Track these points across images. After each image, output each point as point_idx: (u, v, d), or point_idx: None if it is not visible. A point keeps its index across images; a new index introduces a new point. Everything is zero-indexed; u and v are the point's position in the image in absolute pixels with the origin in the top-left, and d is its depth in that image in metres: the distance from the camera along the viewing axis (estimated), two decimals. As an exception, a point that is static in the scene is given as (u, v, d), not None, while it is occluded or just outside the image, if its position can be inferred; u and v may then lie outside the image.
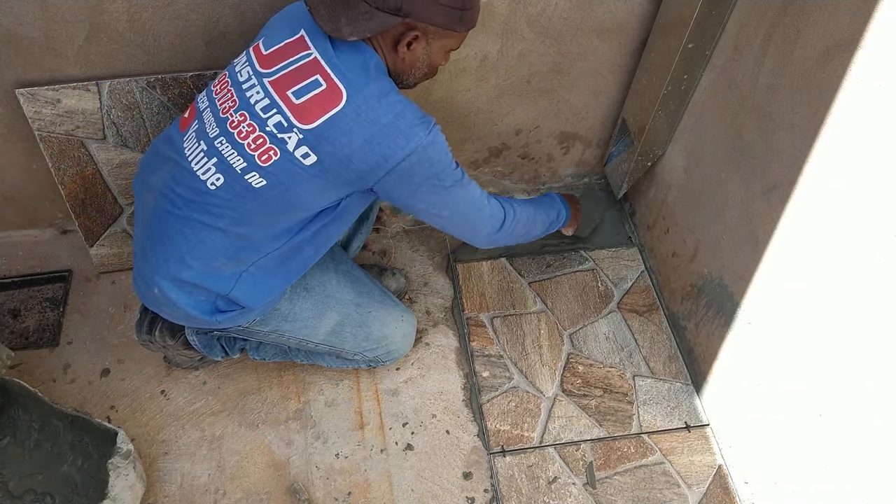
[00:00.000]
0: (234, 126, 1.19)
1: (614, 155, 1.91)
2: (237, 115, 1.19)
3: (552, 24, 1.57)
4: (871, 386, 1.15)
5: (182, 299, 1.29)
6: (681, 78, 1.54)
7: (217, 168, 1.20)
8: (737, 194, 1.45)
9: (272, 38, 1.21)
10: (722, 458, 1.59)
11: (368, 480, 1.53)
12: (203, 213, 1.23)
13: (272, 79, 1.16)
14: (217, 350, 1.56)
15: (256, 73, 1.19)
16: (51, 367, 1.67)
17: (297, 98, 1.14)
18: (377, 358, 1.59)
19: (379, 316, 1.54)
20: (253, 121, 1.17)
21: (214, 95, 1.24)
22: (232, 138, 1.19)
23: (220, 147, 1.20)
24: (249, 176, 1.18)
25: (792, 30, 1.23)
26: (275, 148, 1.16)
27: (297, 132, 1.14)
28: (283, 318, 1.43)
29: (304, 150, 1.14)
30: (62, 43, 1.41)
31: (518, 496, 1.52)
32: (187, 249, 1.25)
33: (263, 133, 1.16)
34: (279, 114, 1.15)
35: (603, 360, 1.73)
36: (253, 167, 1.18)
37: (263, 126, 1.16)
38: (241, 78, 1.20)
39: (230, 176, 1.20)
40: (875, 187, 1.09)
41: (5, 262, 1.83)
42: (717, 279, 1.55)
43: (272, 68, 1.17)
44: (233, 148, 1.19)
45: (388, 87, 1.17)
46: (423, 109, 1.74)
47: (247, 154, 1.18)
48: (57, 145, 1.54)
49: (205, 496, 1.50)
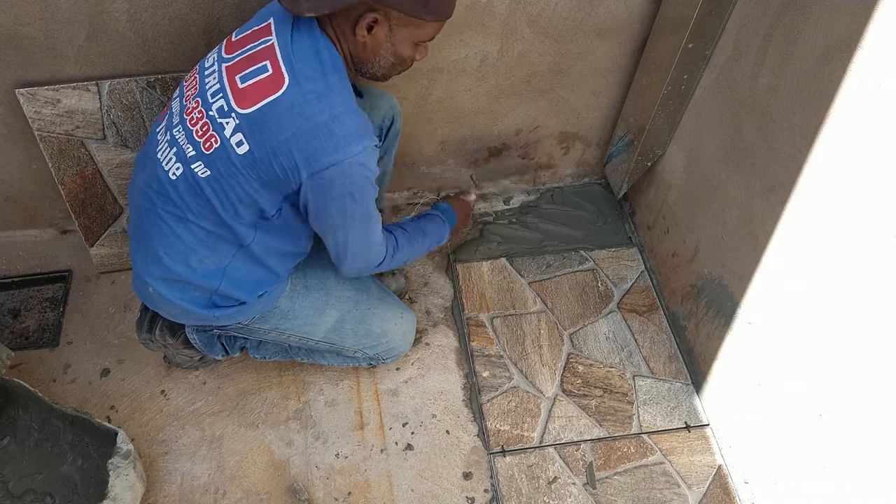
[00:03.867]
0: (188, 112, 1.18)
1: (614, 155, 1.91)
2: (193, 102, 1.17)
3: (552, 24, 1.57)
4: (871, 386, 1.15)
5: (176, 295, 1.29)
6: (681, 78, 1.54)
7: (176, 157, 1.19)
8: (737, 194, 1.45)
9: (246, 26, 1.20)
10: (722, 458, 1.59)
11: (368, 480, 1.53)
12: (172, 207, 1.22)
13: (228, 64, 1.15)
14: (217, 348, 1.57)
15: (220, 58, 1.17)
16: (51, 367, 1.67)
17: (242, 82, 1.11)
18: (378, 356, 1.58)
19: (378, 313, 1.54)
20: (203, 107, 1.15)
21: (184, 83, 1.23)
22: (185, 125, 1.18)
23: (177, 135, 1.19)
24: (196, 165, 1.16)
25: (792, 30, 1.23)
26: (215, 135, 1.13)
27: (234, 117, 1.11)
28: (283, 315, 1.42)
29: (239, 138, 1.11)
30: (62, 43, 1.41)
31: (518, 496, 1.52)
32: (165, 247, 1.25)
33: (208, 119, 1.14)
34: (223, 98, 1.12)
35: (603, 360, 1.73)
36: (199, 155, 1.16)
37: (209, 110, 1.14)
38: (207, 64, 1.19)
39: (185, 165, 1.18)
40: (875, 187, 1.09)
41: (5, 262, 1.83)
42: (717, 279, 1.55)
43: (233, 54, 1.16)
44: (185, 135, 1.17)
45: (339, 88, 1.12)
46: (423, 109, 1.73)
47: (195, 140, 1.16)
48: (57, 145, 1.54)
49: (205, 496, 1.50)
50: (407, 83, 1.64)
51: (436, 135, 1.82)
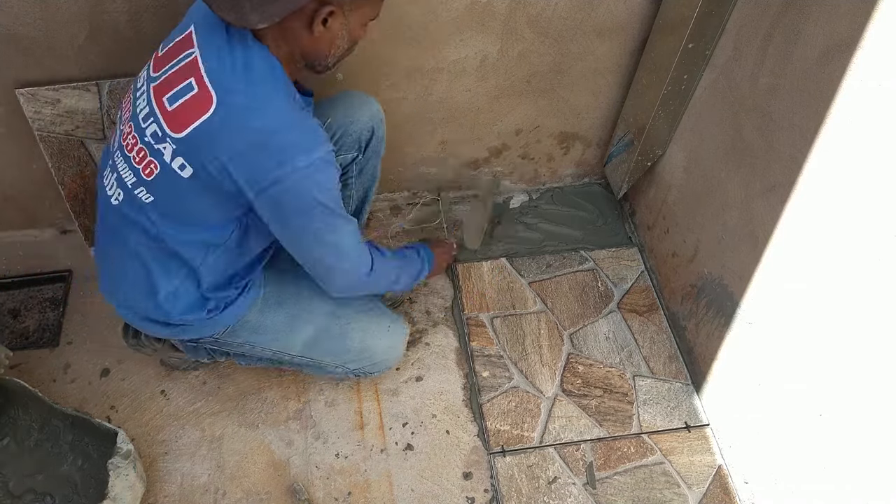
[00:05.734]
0: (124, 138, 1.14)
1: (614, 155, 1.91)
2: (126, 126, 1.13)
3: (552, 24, 1.57)
4: (871, 386, 1.15)
5: (132, 316, 1.31)
6: (681, 78, 1.54)
7: (117, 183, 1.16)
8: (737, 194, 1.45)
9: (171, 36, 1.13)
10: (722, 458, 1.59)
11: (368, 480, 1.53)
12: (119, 230, 1.20)
13: (155, 84, 1.09)
14: (202, 353, 1.56)
15: (148, 78, 1.11)
16: (51, 367, 1.67)
17: (170, 104, 1.05)
18: (361, 370, 1.54)
19: (360, 326, 1.48)
20: (136, 132, 1.10)
21: (122, 106, 1.19)
22: (123, 151, 1.14)
23: (116, 161, 1.16)
24: (139, 191, 1.13)
25: (792, 30, 1.23)
26: (154, 161, 1.08)
27: (170, 142, 1.05)
28: (253, 330, 1.38)
29: (181, 162, 1.06)
30: (62, 43, 1.41)
31: (518, 496, 1.52)
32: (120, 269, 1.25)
33: (143, 145, 1.09)
34: (155, 122, 1.07)
35: (603, 360, 1.73)
36: (140, 182, 1.12)
37: (143, 136, 1.09)
38: (137, 84, 1.14)
39: (125, 191, 1.15)
40: (875, 187, 1.09)
41: (5, 262, 1.83)
42: (717, 279, 1.55)
43: (159, 72, 1.09)
44: (124, 161, 1.14)
45: (274, 97, 1.05)
46: (423, 110, 1.72)
47: (133, 167, 1.12)
48: (57, 145, 1.54)
49: (205, 496, 1.50)
50: (407, 83, 1.64)
51: (436, 135, 1.82)
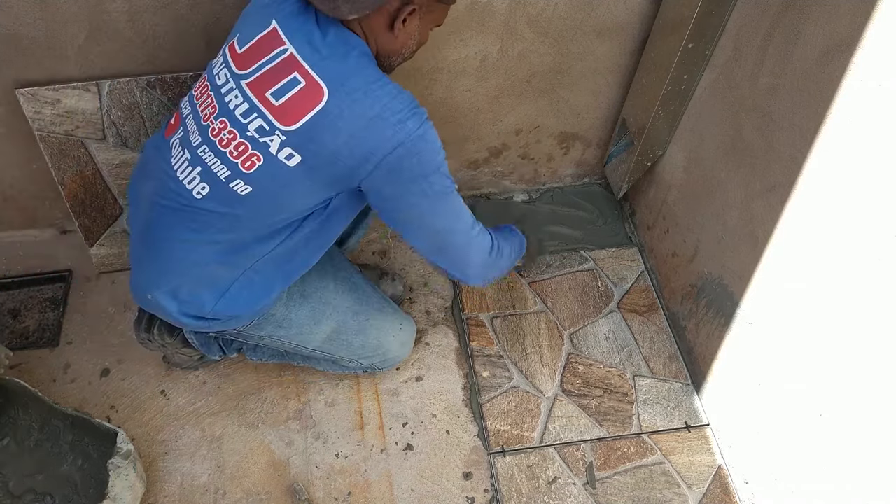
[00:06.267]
0: (215, 134, 1.16)
1: (614, 155, 1.91)
2: (217, 123, 1.16)
3: (552, 24, 1.57)
4: (871, 386, 1.15)
5: (174, 307, 1.29)
6: (681, 78, 1.54)
7: (202, 177, 1.18)
8: (737, 194, 1.45)
9: (246, 33, 1.16)
10: (722, 458, 1.59)
11: (368, 480, 1.53)
12: (191, 222, 1.21)
13: (249, 80, 1.12)
14: (215, 349, 1.57)
15: (234, 75, 1.14)
16: (51, 367, 1.67)
17: (276, 99, 1.09)
18: (373, 365, 1.59)
19: (376, 324, 1.53)
20: (234, 127, 1.13)
21: (196, 101, 1.21)
22: (214, 147, 1.16)
23: (203, 156, 1.18)
24: (234, 184, 1.16)
25: (792, 30, 1.23)
26: (257, 153, 1.12)
27: (279, 134, 1.10)
28: (278, 323, 1.41)
29: (288, 152, 1.11)
30: (62, 43, 1.41)
31: (518, 496, 1.52)
32: (178, 261, 1.24)
33: (245, 139, 1.13)
34: (260, 117, 1.11)
35: (603, 360, 1.73)
36: (237, 175, 1.15)
37: (244, 132, 1.12)
38: (219, 81, 1.17)
39: (215, 185, 1.17)
40: (875, 187, 1.09)
41: (5, 262, 1.83)
42: (717, 279, 1.55)
43: (249, 69, 1.13)
44: (216, 156, 1.16)
45: (374, 76, 1.10)
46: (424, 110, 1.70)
47: (230, 162, 1.15)
48: (57, 145, 1.54)
49: (205, 496, 1.50)
50: (407, 83, 1.64)
51: (436, 135, 1.82)
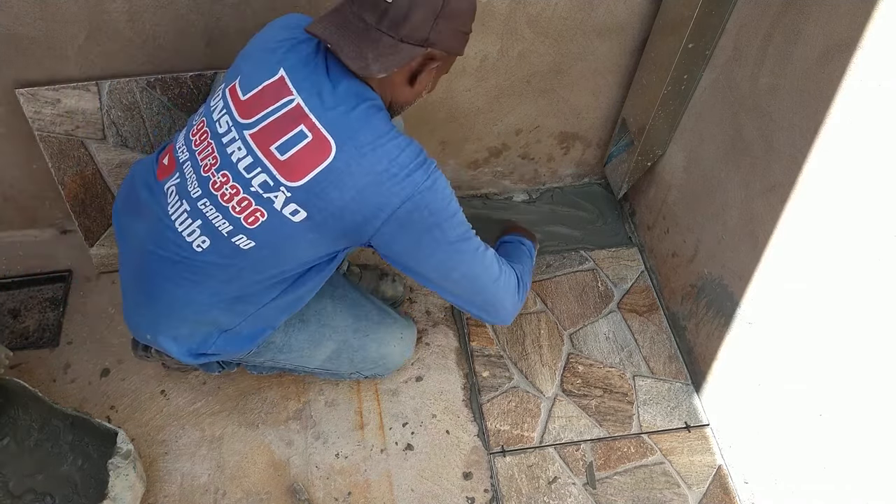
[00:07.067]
0: (216, 188, 1.12)
1: (614, 155, 1.91)
2: (219, 176, 1.12)
3: (552, 24, 1.57)
4: (871, 386, 1.15)
5: (174, 348, 1.29)
6: (681, 78, 1.54)
7: (202, 230, 1.15)
8: (737, 194, 1.45)
9: (250, 77, 1.12)
10: (722, 458, 1.59)
11: (368, 480, 1.53)
12: (191, 274, 1.19)
13: (253, 131, 1.08)
14: (214, 367, 1.56)
15: (236, 124, 1.10)
16: (51, 367, 1.67)
17: (281, 154, 1.06)
18: (374, 374, 1.60)
19: (377, 338, 1.52)
20: (236, 182, 1.10)
21: (194, 147, 1.16)
22: (216, 200, 1.13)
23: (203, 209, 1.14)
24: (237, 239, 1.13)
25: (792, 30, 1.23)
26: (261, 209, 1.09)
27: (284, 190, 1.07)
28: (279, 349, 1.41)
29: (294, 208, 1.08)
30: (62, 43, 1.41)
31: (518, 496, 1.52)
32: (178, 309, 1.23)
33: (248, 195, 1.09)
34: (264, 172, 1.07)
35: (603, 360, 1.73)
36: (240, 230, 1.12)
37: (248, 187, 1.09)
38: (220, 129, 1.12)
39: (217, 239, 1.14)
40: (875, 187, 1.09)
41: (5, 262, 1.83)
42: (717, 279, 1.55)
43: (252, 118, 1.09)
44: (217, 211, 1.13)
45: (384, 129, 1.08)
46: (423, 110, 1.73)
47: (232, 217, 1.12)
48: (57, 145, 1.54)
49: (205, 496, 1.50)
50: (407, 83, 1.64)
51: (436, 135, 1.82)
